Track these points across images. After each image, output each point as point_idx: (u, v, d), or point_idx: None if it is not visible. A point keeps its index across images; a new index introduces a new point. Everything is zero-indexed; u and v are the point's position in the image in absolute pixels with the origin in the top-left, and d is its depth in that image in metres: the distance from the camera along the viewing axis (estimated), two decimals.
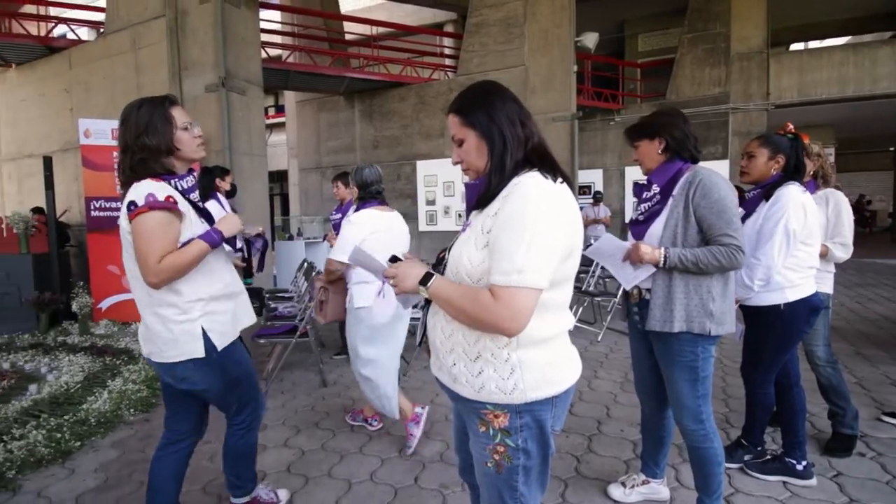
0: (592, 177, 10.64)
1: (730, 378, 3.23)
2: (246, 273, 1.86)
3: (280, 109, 15.86)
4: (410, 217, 9.49)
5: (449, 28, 12.67)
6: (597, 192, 8.79)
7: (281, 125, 14.67)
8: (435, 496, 2.06)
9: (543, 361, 1.05)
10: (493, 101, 1.08)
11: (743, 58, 9.90)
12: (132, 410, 3.00)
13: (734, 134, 9.82)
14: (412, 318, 3.67)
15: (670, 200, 1.69)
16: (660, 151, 1.73)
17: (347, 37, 10.87)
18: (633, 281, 1.75)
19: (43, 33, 7.68)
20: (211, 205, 3.10)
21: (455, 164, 1.15)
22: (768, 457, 2.20)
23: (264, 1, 6.84)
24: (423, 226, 9.37)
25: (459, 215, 8.92)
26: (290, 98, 11.22)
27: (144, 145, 1.46)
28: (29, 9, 8.22)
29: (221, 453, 1.86)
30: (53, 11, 8.27)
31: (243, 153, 6.02)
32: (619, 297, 4.69)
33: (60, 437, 2.57)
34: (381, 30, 10.73)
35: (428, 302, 1.13)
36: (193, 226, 1.53)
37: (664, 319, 1.65)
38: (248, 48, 6.21)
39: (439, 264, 1.26)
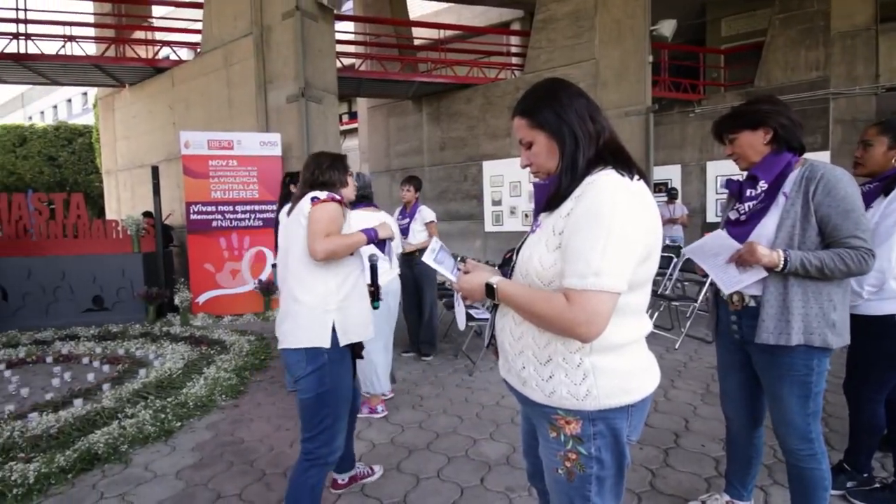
0: (669, 173, 9.98)
1: (830, 395, 2.90)
2: (373, 297, 1.99)
3: (353, 116, 16.61)
4: (476, 218, 9.53)
5: (516, 26, 12.54)
6: (671, 189, 8.13)
7: (354, 131, 15.33)
8: (501, 499, 2.06)
9: (619, 368, 1.00)
10: (560, 98, 1.04)
11: (846, 37, 8.81)
12: (224, 396, 3.29)
13: (835, 122, 8.78)
14: (479, 319, 3.71)
15: (781, 198, 1.51)
16: (765, 143, 1.55)
17: (416, 42, 11.13)
18: (736, 286, 1.58)
19: (150, 56, 8.63)
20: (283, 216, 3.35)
21: (524, 167, 1.13)
22: (877, 485, 1.96)
23: (339, 13, 7.19)
24: (489, 226, 9.37)
25: (526, 215, 8.81)
26: (362, 104, 11.70)
27: (330, 175, 1.86)
28: (138, 34, 9.27)
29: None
30: (159, 36, 9.25)
31: None
32: (700, 301, 4.41)
33: (164, 417, 2.88)
34: (449, 32, 10.85)
35: (495, 304, 1.12)
36: (349, 228, 1.86)
37: (779, 331, 1.49)
38: (325, 59, 6.56)
39: (505, 265, 1.27)
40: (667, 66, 9.91)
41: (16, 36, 7.71)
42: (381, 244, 1.92)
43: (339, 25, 9.30)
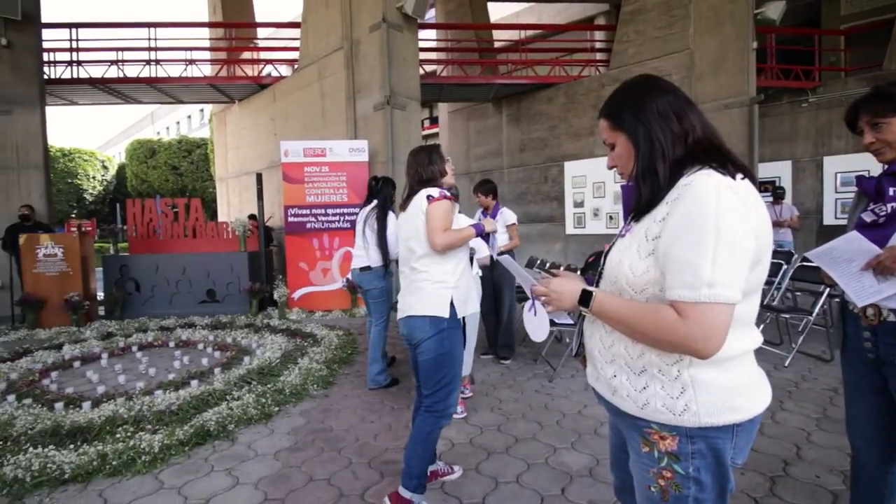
0: (777, 170, 8.96)
1: None
2: None
3: (434, 121, 17.01)
4: (557, 220, 9.30)
5: (600, 21, 12.07)
6: (778, 188, 7.18)
7: (435, 135, 15.70)
8: None
9: (724, 383, 0.92)
10: (640, 97, 1.00)
11: None
12: (315, 386, 3.54)
13: None
14: (560, 324, 3.62)
15: None
16: None
17: (496, 44, 11.13)
18: (872, 297, 1.38)
19: (256, 74, 9.52)
20: (390, 218, 3.51)
21: (610, 168, 1.10)
22: None
23: (422, 22, 7.41)
24: (570, 228, 9.10)
25: (611, 217, 8.42)
26: (443, 109, 11.96)
27: (431, 170, 2.14)
28: (246, 55, 10.27)
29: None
30: (263, 55, 10.18)
31: (404, 163, 6.62)
32: (815, 314, 3.92)
33: (265, 401, 3.16)
34: (531, 32, 10.72)
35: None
36: (457, 220, 2.14)
37: None
38: (409, 67, 6.80)
39: (587, 269, 1.23)
40: (774, 53, 8.93)
41: (148, 62, 8.93)
42: (487, 237, 2.19)
43: (422, 33, 9.59)
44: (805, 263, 4.27)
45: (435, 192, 2.03)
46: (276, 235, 8.25)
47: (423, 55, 9.31)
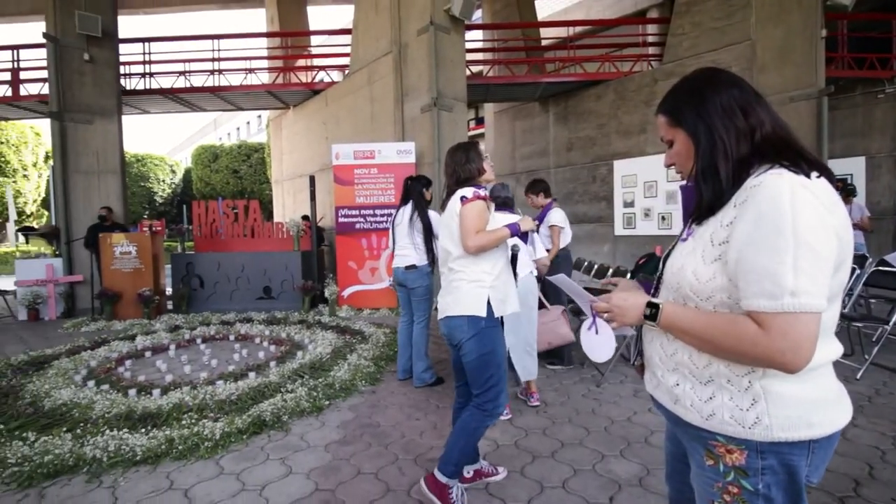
0: (849, 167, 8.24)
1: None
2: None
3: (479, 121, 17.00)
4: (605, 220, 9.05)
5: (653, 14, 11.60)
6: (848, 186, 6.53)
7: (480, 136, 15.69)
8: None
9: (801, 396, 0.86)
10: (702, 92, 0.94)
11: None
12: (363, 382, 3.65)
13: None
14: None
15: None
16: None
17: (544, 42, 10.98)
18: None
19: (309, 80, 9.91)
20: (432, 215, 3.56)
21: (667, 166, 1.06)
22: None
23: (469, 23, 7.45)
24: (619, 229, 8.83)
25: (662, 218, 8.09)
26: (488, 109, 11.93)
27: (468, 169, 2.13)
28: (300, 62, 10.70)
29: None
30: (316, 62, 10.58)
31: None
32: (893, 323, 3.60)
33: (316, 395, 3.30)
34: (579, 29, 10.49)
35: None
36: (493, 220, 2.12)
37: None
38: (456, 69, 6.85)
39: (638, 271, 1.19)
40: (845, 40, 8.24)
41: (212, 72, 9.52)
42: (524, 236, 2.16)
43: (468, 34, 9.62)
44: (882, 268, 3.93)
45: (468, 192, 2.03)
46: (328, 235, 8.55)
47: (469, 56, 9.34)
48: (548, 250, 3.91)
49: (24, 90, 9.66)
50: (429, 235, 3.50)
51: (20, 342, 5.47)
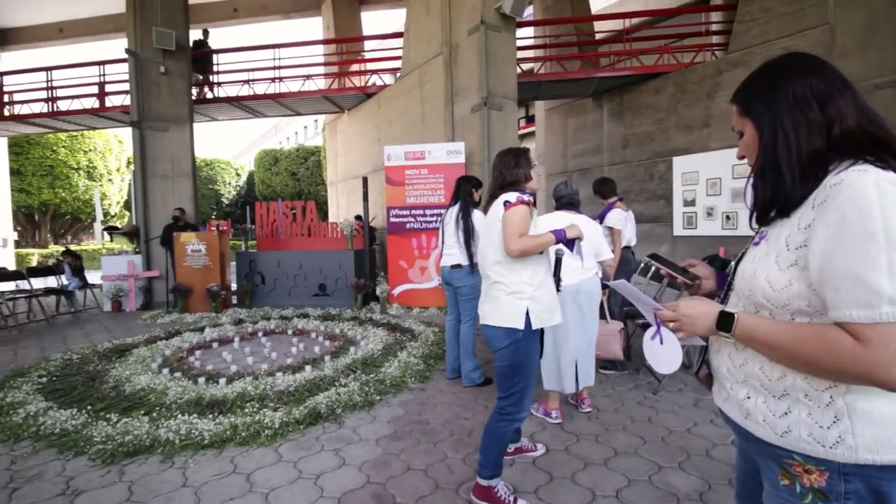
0: None
1: None
2: (555, 287, 2.19)
3: (530, 120, 16.77)
4: (663, 220, 8.64)
5: (717, 1, 10.92)
6: None
7: (531, 135, 15.47)
8: None
9: (893, 414, 0.77)
10: (774, 80, 0.87)
11: None
12: (413, 379, 3.71)
13: None
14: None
15: None
16: None
17: (598, 36, 10.65)
18: None
19: (363, 84, 10.19)
20: (478, 215, 3.56)
21: (739, 158, 0.99)
22: None
23: (520, 20, 7.36)
24: (678, 229, 8.39)
25: (727, 217, 7.60)
26: (539, 107, 11.74)
27: (515, 173, 2.11)
28: (354, 67, 11.02)
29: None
30: (369, 66, 10.85)
31: None
32: None
33: (368, 390, 3.39)
34: (636, 20, 10.08)
35: None
36: (536, 226, 2.11)
37: None
38: (506, 67, 6.79)
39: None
40: None
41: (273, 80, 10.02)
42: (570, 244, 2.08)
43: (519, 32, 9.51)
44: None
45: (512, 197, 2.01)
46: (379, 235, 8.76)
47: (519, 54, 9.23)
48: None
49: (109, 102, 10.62)
50: (468, 236, 3.50)
51: (105, 331, 6.02)
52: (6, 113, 11.37)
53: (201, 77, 9.99)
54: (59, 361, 4.34)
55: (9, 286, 7.33)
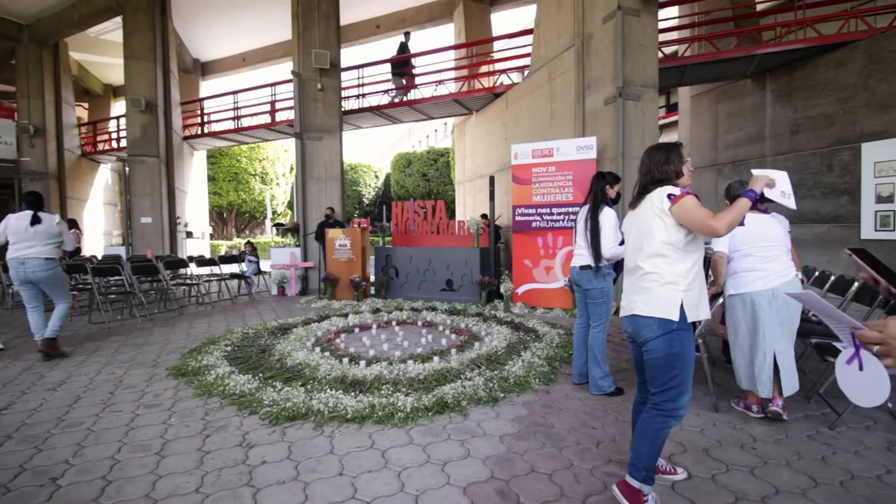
0: None
1: None
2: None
3: (671, 109, 15.24)
4: (845, 220, 7.19)
5: None
6: None
7: (671, 125, 14.06)
8: None
9: None
10: None
11: None
12: (537, 380, 3.67)
13: None
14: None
15: None
16: None
17: (760, 6, 9.22)
18: None
19: (491, 85, 10.32)
20: (605, 213, 3.37)
21: None
22: None
23: (663, 0, 6.73)
24: (867, 231, 6.88)
25: None
26: (683, 94, 10.61)
27: (666, 170, 2.07)
28: (483, 68, 11.22)
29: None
30: (497, 66, 10.96)
31: (636, 157, 6.17)
32: None
33: (492, 386, 3.44)
34: None
35: None
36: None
37: None
38: (646, 53, 6.29)
39: None
40: None
41: (409, 87, 10.70)
42: (762, 197, 2.08)
43: (660, 13, 8.69)
44: None
45: (675, 190, 1.97)
46: (504, 233, 8.81)
47: (662, 37, 8.45)
48: None
49: (279, 117, 12.44)
50: (595, 235, 3.31)
51: (272, 312, 7.09)
52: (206, 130, 14.04)
53: (404, 80, 10.86)
54: (239, 334, 5.23)
55: (205, 270, 9.08)
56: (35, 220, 4.41)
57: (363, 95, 11.25)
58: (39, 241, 4.42)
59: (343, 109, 10.44)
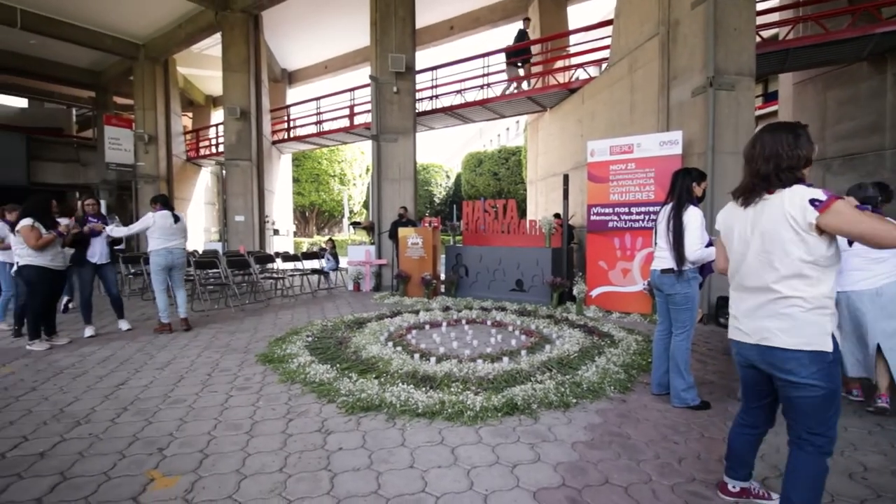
0: None
1: None
2: None
3: (769, 98, 13.82)
4: None
5: None
6: None
7: (769, 116, 12.77)
8: None
9: None
10: None
11: None
12: (612, 388, 3.50)
13: None
14: None
15: None
16: None
17: None
18: None
19: (566, 80, 10.02)
20: (690, 212, 3.12)
21: None
22: None
23: None
24: None
25: None
26: (784, 82, 9.58)
27: (796, 155, 1.68)
28: (558, 63, 10.91)
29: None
30: (573, 60, 10.61)
31: (728, 152, 5.67)
32: None
33: (563, 391, 3.33)
34: None
35: None
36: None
37: None
38: (742, 38, 5.75)
39: None
40: None
41: (481, 87, 10.70)
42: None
43: None
44: None
45: (818, 193, 1.58)
46: (578, 233, 8.52)
47: (760, 19, 7.68)
48: None
49: (357, 120, 13.00)
50: (679, 236, 3.06)
51: (348, 306, 7.43)
52: (291, 135, 15.05)
53: (521, 71, 10.73)
54: (318, 326, 5.54)
55: (289, 266, 9.74)
56: (176, 219, 5.53)
57: (436, 97, 11.42)
58: (180, 234, 5.56)
59: (416, 111, 10.68)
